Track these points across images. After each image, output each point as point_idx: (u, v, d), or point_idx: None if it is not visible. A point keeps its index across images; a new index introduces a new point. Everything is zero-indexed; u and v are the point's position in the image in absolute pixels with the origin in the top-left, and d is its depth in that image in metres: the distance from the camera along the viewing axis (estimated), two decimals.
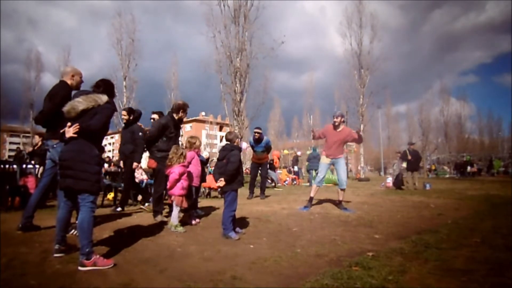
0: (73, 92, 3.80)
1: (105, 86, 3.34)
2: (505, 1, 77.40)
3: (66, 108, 3.08)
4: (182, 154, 4.72)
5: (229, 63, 19.57)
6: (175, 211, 4.61)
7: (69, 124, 3.04)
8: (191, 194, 5.13)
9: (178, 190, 4.61)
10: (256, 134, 8.80)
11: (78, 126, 2.98)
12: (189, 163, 5.06)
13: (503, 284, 2.48)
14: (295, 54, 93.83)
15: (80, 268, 2.82)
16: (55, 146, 4.11)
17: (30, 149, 11.47)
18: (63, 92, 4.14)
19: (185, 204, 4.71)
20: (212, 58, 20.06)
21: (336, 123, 6.56)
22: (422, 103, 48.09)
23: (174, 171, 4.59)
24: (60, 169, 3.07)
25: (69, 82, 4.31)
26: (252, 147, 9.02)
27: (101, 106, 3.13)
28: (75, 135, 2.98)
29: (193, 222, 5.01)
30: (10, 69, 65.38)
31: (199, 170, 5.37)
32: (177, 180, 4.60)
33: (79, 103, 3.07)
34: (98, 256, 2.91)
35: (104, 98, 3.18)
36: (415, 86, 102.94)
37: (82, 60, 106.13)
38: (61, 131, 3.09)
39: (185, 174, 4.74)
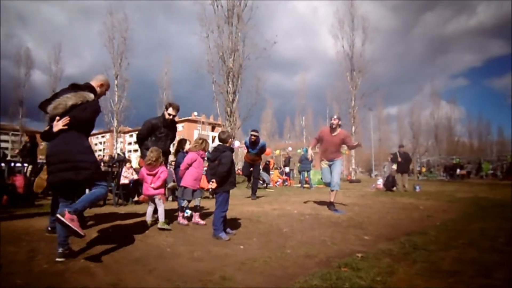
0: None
1: (84, 87, 3.35)
2: (495, 5, 78.78)
3: (53, 104, 3.05)
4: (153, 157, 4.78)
5: (222, 63, 19.57)
6: (161, 209, 4.68)
7: (57, 118, 3.01)
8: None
9: (162, 189, 4.76)
10: (253, 137, 8.72)
11: (68, 118, 2.98)
12: (189, 164, 5.02)
13: (490, 285, 2.51)
14: (288, 54, 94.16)
15: (57, 214, 2.74)
16: None
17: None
18: None
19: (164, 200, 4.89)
20: (205, 58, 20.07)
21: (333, 126, 6.55)
22: (413, 105, 48.82)
23: (164, 171, 4.68)
24: (53, 163, 2.98)
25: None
26: (247, 147, 8.99)
27: (89, 102, 3.15)
28: (65, 127, 2.96)
29: (201, 221, 5.02)
30: None
31: (200, 173, 5.27)
32: (165, 180, 4.69)
33: (68, 99, 3.06)
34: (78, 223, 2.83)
35: (91, 95, 3.20)
36: (406, 88, 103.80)
37: (73, 58, 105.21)
38: (46, 128, 3.05)
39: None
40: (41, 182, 6.25)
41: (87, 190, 3.19)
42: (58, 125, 2.97)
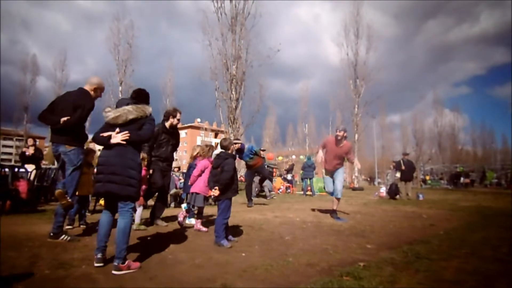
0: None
1: (143, 96, 3.44)
2: (498, 13, 78.99)
3: (115, 115, 3.13)
4: (142, 158, 4.82)
5: (225, 70, 19.65)
6: (139, 211, 4.82)
7: (117, 130, 3.09)
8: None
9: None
10: (235, 145, 8.70)
11: (128, 134, 3.06)
12: (202, 171, 5.04)
13: None
14: (290, 62, 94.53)
15: (114, 272, 2.86)
16: (68, 153, 4.10)
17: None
18: (89, 106, 4.20)
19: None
20: (208, 65, 20.15)
21: (339, 137, 6.54)
22: (415, 113, 48.69)
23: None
24: (102, 173, 3.06)
25: (91, 93, 4.33)
26: (240, 158, 8.91)
27: (148, 117, 3.27)
28: (124, 142, 3.05)
29: (203, 228, 5.03)
30: (2, 71, 65.11)
31: None
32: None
33: (130, 113, 3.15)
34: (128, 260, 2.99)
35: (150, 109, 3.30)
36: (409, 96, 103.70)
37: (77, 64, 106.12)
38: (105, 135, 3.10)
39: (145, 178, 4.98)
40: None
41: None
42: (117, 138, 3.05)
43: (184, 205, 8.61)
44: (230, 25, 19.89)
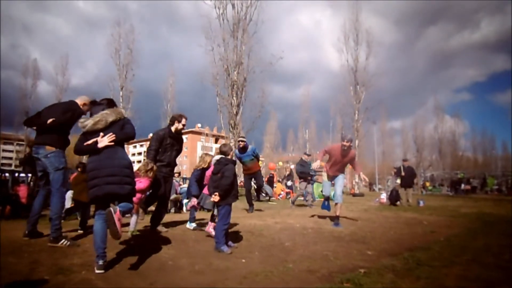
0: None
1: (112, 102, 3.54)
2: (499, 20, 79.36)
3: (95, 120, 3.18)
4: (151, 169, 4.87)
5: (227, 76, 19.72)
6: (133, 218, 4.80)
7: (101, 134, 3.14)
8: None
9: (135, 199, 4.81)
10: (241, 143, 8.66)
11: (113, 135, 3.13)
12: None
13: None
14: (291, 68, 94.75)
15: (110, 209, 2.90)
16: (49, 155, 4.10)
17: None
18: (78, 112, 4.26)
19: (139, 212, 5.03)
20: (209, 70, 20.24)
21: (345, 147, 6.53)
22: (416, 119, 48.77)
23: (142, 181, 4.75)
24: (96, 178, 3.07)
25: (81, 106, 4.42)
26: (240, 158, 8.73)
27: (125, 118, 3.38)
28: (112, 143, 3.11)
29: (213, 233, 4.97)
30: (3, 76, 65.26)
31: None
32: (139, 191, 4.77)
33: (108, 115, 3.23)
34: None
35: (124, 111, 3.45)
36: (410, 102, 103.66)
37: (78, 69, 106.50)
38: (90, 142, 3.13)
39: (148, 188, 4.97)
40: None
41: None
42: (104, 141, 3.10)
43: (185, 201, 8.57)
44: (232, 31, 20.00)
